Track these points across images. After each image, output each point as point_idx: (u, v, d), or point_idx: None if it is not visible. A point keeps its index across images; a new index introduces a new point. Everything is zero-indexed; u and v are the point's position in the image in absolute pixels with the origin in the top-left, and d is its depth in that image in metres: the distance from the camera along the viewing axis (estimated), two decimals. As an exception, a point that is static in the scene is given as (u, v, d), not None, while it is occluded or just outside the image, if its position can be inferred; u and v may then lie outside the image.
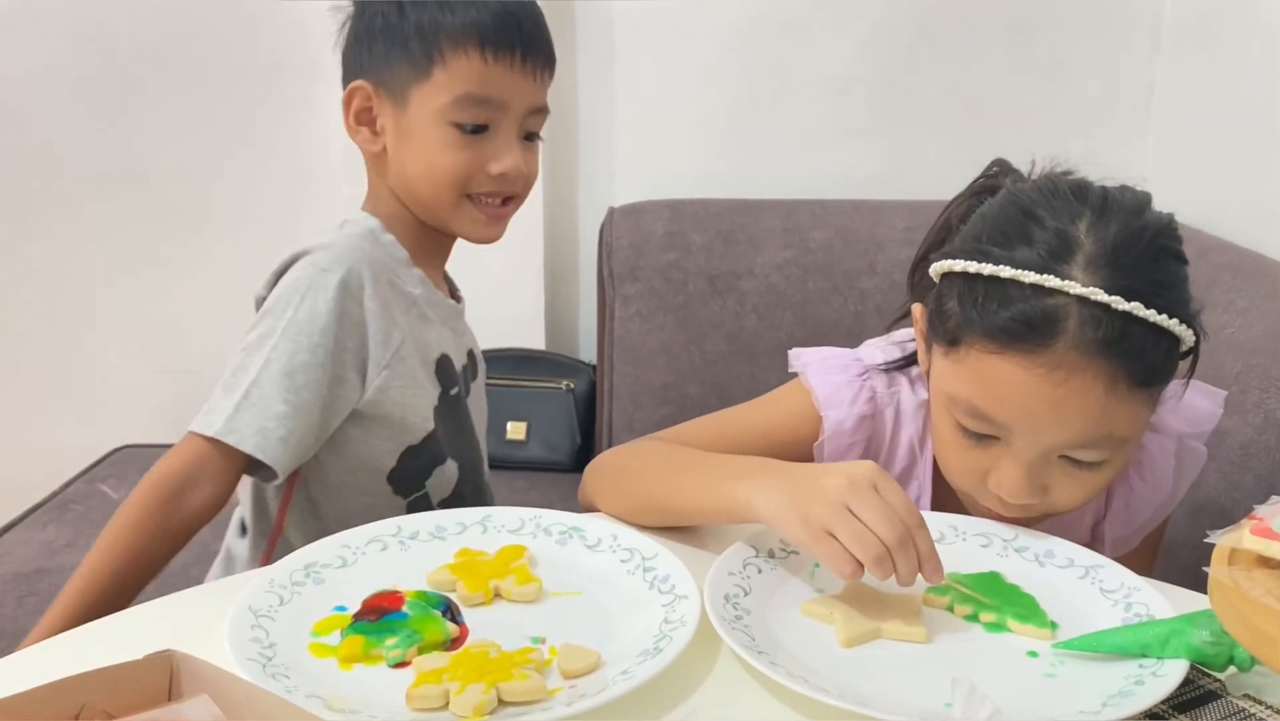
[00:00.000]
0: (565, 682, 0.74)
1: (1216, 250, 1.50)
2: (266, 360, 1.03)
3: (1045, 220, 0.87)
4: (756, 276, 1.77)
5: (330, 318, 1.04)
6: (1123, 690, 0.73)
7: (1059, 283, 0.84)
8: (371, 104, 1.10)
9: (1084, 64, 1.91)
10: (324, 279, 1.05)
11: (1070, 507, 0.93)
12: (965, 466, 0.93)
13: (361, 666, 0.76)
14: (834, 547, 0.79)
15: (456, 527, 0.94)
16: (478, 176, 1.09)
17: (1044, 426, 0.87)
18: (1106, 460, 0.89)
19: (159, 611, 0.85)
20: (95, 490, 1.81)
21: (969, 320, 0.88)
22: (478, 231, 1.12)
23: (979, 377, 0.88)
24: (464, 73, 1.06)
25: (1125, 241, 0.86)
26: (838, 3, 1.91)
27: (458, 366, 1.17)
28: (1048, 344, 0.84)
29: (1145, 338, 0.85)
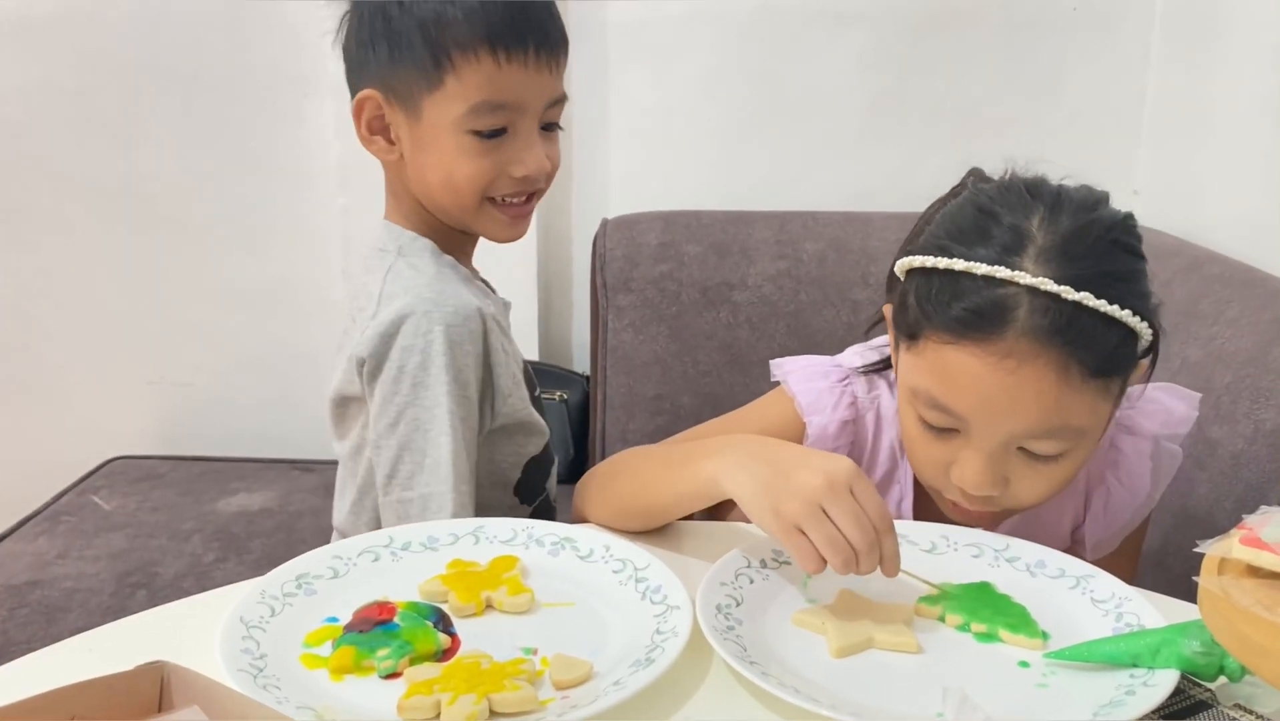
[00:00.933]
0: (557, 693, 0.74)
1: (1207, 262, 1.51)
2: (452, 432, 1.02)
3: (1001, 217, 0.90)
4: (749, 288, 1.77)
5: (473, 370, 1.04)
6: (1114, 700, 0.73)
7: (1009, 273, 0.86)
8: (383, 112, 1.06)
9: (1076, 77, 1.92)
10: (456, 334, 1.02)
11: (1032, 502, 0.94)
12: (929, 460, 0.95)
13: (353, 677, 0.76)
14: (804, 544, 0.81)
15: (448, 538, 0.94)
16: (500, 180, 1.05)
17: (999, 415, 0.88)
18: (1065, 452, 0.91)
19: (150, 622, 0.85)
20: (87, 501, 1.80)
21: (926, 313, 0.91)
22: (502, 232, 1.09)
23: (936, 369, 0.90)
24: (477, 79, 1.01)
25: (1076, 234, 0.88)
26: (831, 16, 1.91)
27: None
28: (999, 332, 0.86)
29: (1096, 327, 0.87)
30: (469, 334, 1.03)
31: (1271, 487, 1.16)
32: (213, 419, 2.10)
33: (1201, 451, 1.26)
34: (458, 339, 1.03)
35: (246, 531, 1.68)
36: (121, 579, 1.54)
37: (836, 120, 1.96)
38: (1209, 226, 1.67)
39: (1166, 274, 1.51)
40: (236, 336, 2.08)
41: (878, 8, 1.91)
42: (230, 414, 2.10)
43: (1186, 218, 1.73)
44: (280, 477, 1.90)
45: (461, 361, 1.03)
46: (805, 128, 1.97)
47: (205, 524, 1.70)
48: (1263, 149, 1.57)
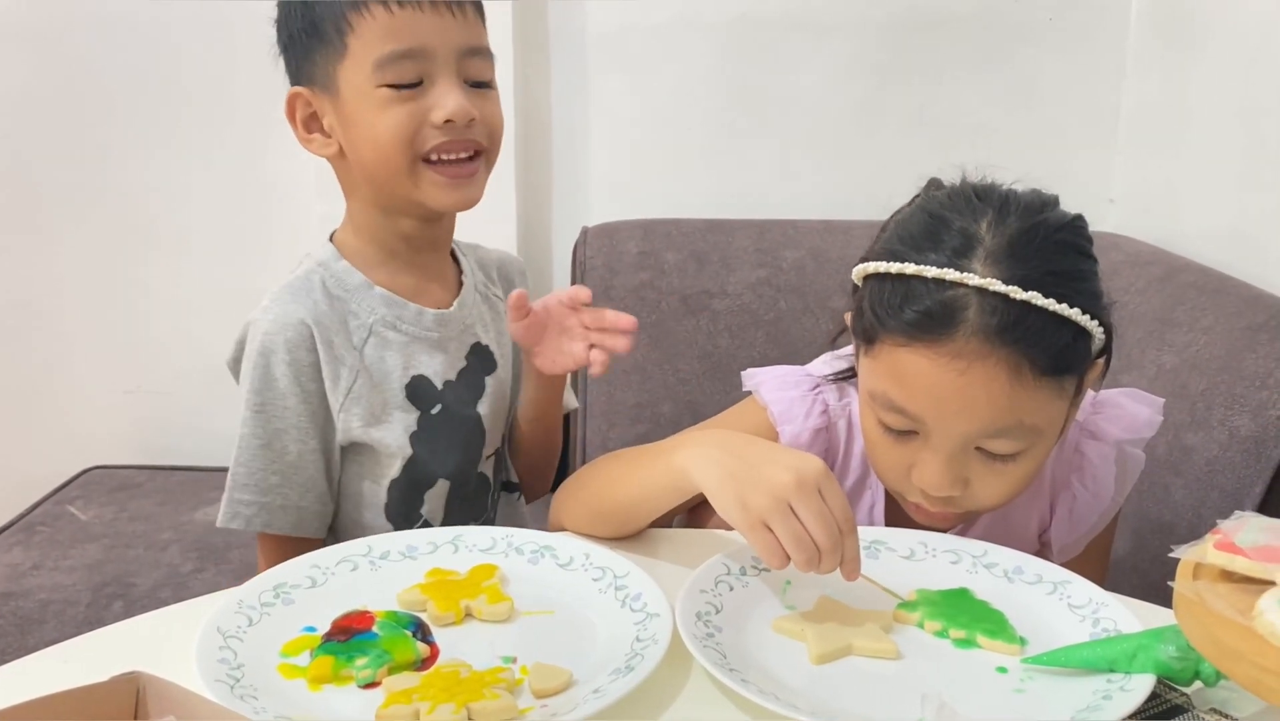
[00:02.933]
0: (537, 702, 0.74)
1: (1182, 270, 1.52)
2: (243, 439, 1.07)
3: (951, 221, 0.91)
4: (729, 296, 1.78)
5: (288, 379, 1.06)
6: (1090, 704, 0.73)
7: (958, 275, 0.88)
8: (314, 107, 1.07)
9: (1053, 86, 1.93)
10: (270, 342, 1.06)
11: (993, 503, 0.95)
12: (889, 463, 0.96)
13: (331, 687, 0.76)
14: (769, 540, 0.82)
15: (428, 547, 0.93)
16: (424, 131, 1.03)
17: (952, 415, 0.90)
18: (1023, 452, 0.92)
19: (126, 632, 0.84)
20: (63, 512, 1.79)
21: (880, 317, 0.92)
22: (442, 196, 1.06)
23: (891, 372, 0.92)
24: (374, 32, 1.02)
25: (1023, 235, 0.89)
26: (810, 26, 1.92)
27: (441, 380, 1.12)
28: (949, 333, 0.88)
29: (1045, 326, 0.88)
30: (284, 342, 1.05)
31: (1246, 493, 1.17)
32: (190, 428, 2.09)
33: (1177, 457, 1.27)
34: (271, 347, 1.06)
35: (224, 541, 1.66)
36: (98, 590, 1.53)
37: (816, 129, 1.97)
38: (1184, 235, 1.68)
39: (1142, 282, 1.52)
40: (214, 345, 2.04)
41: (857, 18, 1.92)
42: (208, 423, 2.08)
43: (1162, 226, 1.75)
44: (259, 487, 1.88)
45: (275, 371, 1.06)
46: (784, 137, 1.98)
47: (183, 534, 1.69)
48: (1237, 158, 1.59)
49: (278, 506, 1.07)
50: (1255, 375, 1.23)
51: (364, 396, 1.08)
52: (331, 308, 1.08)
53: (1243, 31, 1.58)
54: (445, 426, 1.13)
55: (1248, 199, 1.57)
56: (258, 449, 1.06)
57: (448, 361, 1.14)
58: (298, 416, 1.06)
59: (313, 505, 1.08)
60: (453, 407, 1.13)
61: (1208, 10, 1.67)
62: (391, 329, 1.10)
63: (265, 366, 1.06)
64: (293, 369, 1.06)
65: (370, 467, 1.10)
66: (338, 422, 1.08)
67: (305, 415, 1.07)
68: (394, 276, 1.12)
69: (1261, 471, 1.17)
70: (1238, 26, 1.59)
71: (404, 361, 1.11)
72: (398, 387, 1.10)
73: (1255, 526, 0.69)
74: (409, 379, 1.11)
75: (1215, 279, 1.47)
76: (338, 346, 1.07)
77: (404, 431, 1.10)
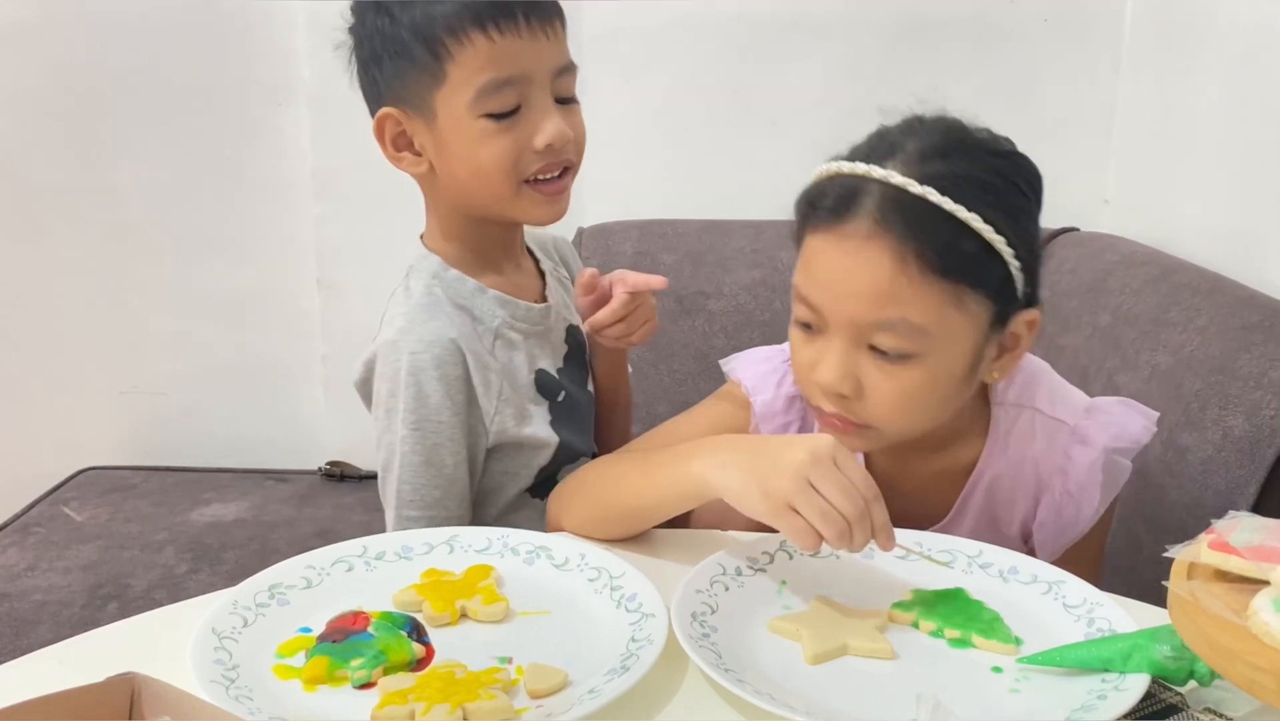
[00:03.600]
0: (532, 702, 0.74)
1: (1177, 270, 1.52)
2: (403, 457, 1.07)
3: (887, 134, 0.97)
4: (725, 296, 1.78)
5: (440, 395, 1.06)
6: (1085, 704, 0.74)
7: (865, 168, 0.92)
8: (404, 127, 1.07)
9: (1047, 87, 1.93)
10: (418, 361, 1.06)
11: (885, 411, 0.95)
12: (801, 365, 0.98)
13: (326, 688, 0.76)
14: (797, 522, 0.83)
15: (423, 547, 0.93)
16: (525, 157, 1.05)
17: (840, 296, 0.93)
18: (912, 356, 0.93)
19: (121, 634, 0.84)
20: (58, 513, 1.78)
21: (801, 214, 0.97)
22: (543, 212, 1.09)
23: (804, 262, 0.97)
24: (476, 61, 1.02)
25: (942, 144, 0.94)
26: (805, 26, 1.93)
27: (555, 368, 1.17)
28: (849, 215, 0.92)
29: (939, 222, 0.90)
30: (433, 360, 1.06)
31: (1240, 493, 1.18)
32: (186, 429, 2.09)
33: (1171, 457, 1.28)
34: (420, 366, 1.06)
35: (220, 542, 1.66)
36: (93, 591, 1.53)
37: (811, 129, 1.96)
38: (1179, 235, 1.68)
39: (1137, 282, 1.52)
40: (210, 346, 2.07)
41: (851, 18, 1.92)
42: (203, 424, 2.09)
43: (1156, 226, 1.75)
44: (254, 488, 1.89)
45: (427, 389, 1.06)
46: (780, 137, 1.98)
47: (178, 535, 1.69)
48: (1231, 159, 1.59)
49: (442, 519, 1.08)
50: (1250, 375, 1.23)
51: (510, 397, 1.11)
52: (462, 318, 1.10)
53: (1237, 33, 1.58)
54: (573, 411, 1.17)
55: (1242, 200, 1.57)
56: (419, 466, 1.07)
57: (555, 350, 1.18)
58: (452, 430, 1.08)
59: (465, 515, 1.11)
60: (572, 392, 1.18)
61: (1202, 12, 1.67)
62: (511, 329, 1.13)
63: (417, 385, 1.06)
64: (444, 384, 1.06)
65: (520, 460, 1.13)
66: (492, 426, 1.10)
67: (458, 428, 1.08)
68: (495, 277, 1.14)
69: (1255, 471, 1.17)
70: (1232, 28, 1.59)
71: (528, 358, 1.14)
72: (528, 383, 1.13)
73: (1249, 526, 0.69)
74: (534, 373, 1.14)
75: (1210, 279, 1.47)
76: (481, 355, 1.09)
77: (545, 423, 1.13)
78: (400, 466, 1.08)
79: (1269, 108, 1.50)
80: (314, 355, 2.06)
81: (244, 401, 2.08)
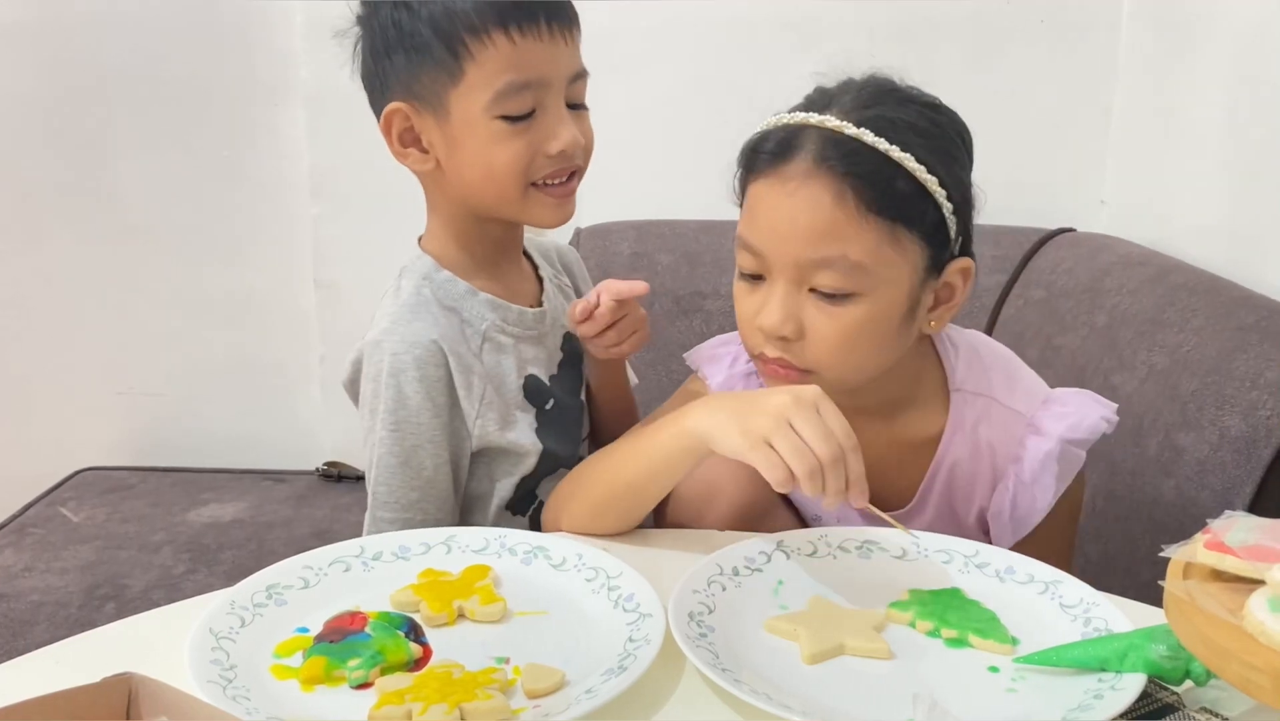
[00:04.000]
0: (529, 702, 0.74)
1: (1173, 271, 1.53)
2: (380, 459, 1.07)
3: (827, 88, 1.02)
4: (722, 297, 1.78)
5: (420, 396, 1.06)
6: (1082, 704, 0.74)
7: (803, 116, 0.98)
8: (412, 123, 1.06)
9: (1045, 88, 1.93)
10: (399, 362, 1.05)
11: (825, 354, 0.98)
12: (744, 314, 1.01)
13: (324, 688, 0.76)
14: (771, 456, 0.86)
15: (420, 548, 0.93)
16: (537, 161, 1.05)
17: (782, 239, 0.96)
18: (853, 295, 0.96)
19: (118, 634, 0.84)
20: (55, 513, 1.78)
21: (742, 165, 1.02)
22: (549, 216, 1.09)
23: (747, 210, 1.01)
24: (496, 63, 1.01)
25: (876, 94, 0.99)
26: (803, 27, 1.93)
27: (547, 376, 1.15)
28: (788, 159, 0.97)
29: (875, 161, 0.95)
30: (414, 361, 1.05)
31: (1236, 493, 1.18)
32: (183, 429, 2.08)
33: (1167, 457, 1.28)
34: (401, 367, 1.05)
35: (217, 543, 1.66)
36: (90, 591, 1.53)
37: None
38: (1175, 236, 1.69)
39: (1133, 283, 1.53)
40: (207, 346, 2.07)
41: (849, 19, 1.92)
42: (201, 424, 2.09)
43: (1153, 227, 1.76)
44: (251, 488, 1.89)
45: (407, 390, 1.05)
46: (777, 138, 1.98)
47: (175, 535, 1.69)
48: (1227, 160, 1.59)
49: (418, 521, 1.07)
50: (1246, 376, 1.23)
51: (494, 402, 1.10)
52: (449, 320, 1.09)
53: (1234, 34, 1.58)
54: (560, 419, 1.16)
55: (1238, 200, 1.57)
56: (396, 466, 1.07)
57: (549, 356, 1.17)
58: (432, 432, 1.07)
59: (446, 518, 1.10)
60: (561, 400, 1.16)
61: (1200, 12, 1.67)
62: (501, 332, 1.12)
63: (397, 386, 1.05)
64: (424, 385, 1.06)
65: (503, 467, 1.12)
66: (474, 430, 1.09)
67: (439, 430, 1.07)
68: (490, 280, 1.13)
69: (1252, 471, 1.17)
70: (1229, 29, 1.60)
71: (517, 363, 1.13)
72: (516, 389, 1.12)
73: (1245, 526, 0.70)
74: (523, 379, 1.13)
75: (1206, 280, 1.47)
76: (465, 357, 1.08)
77: (530, 430, 1.12)
78: (377, 467, 1.07)
79: (1266, 108, 1.51)
80: (311, 355, 2.06)
81: (241, 401, 2.08)
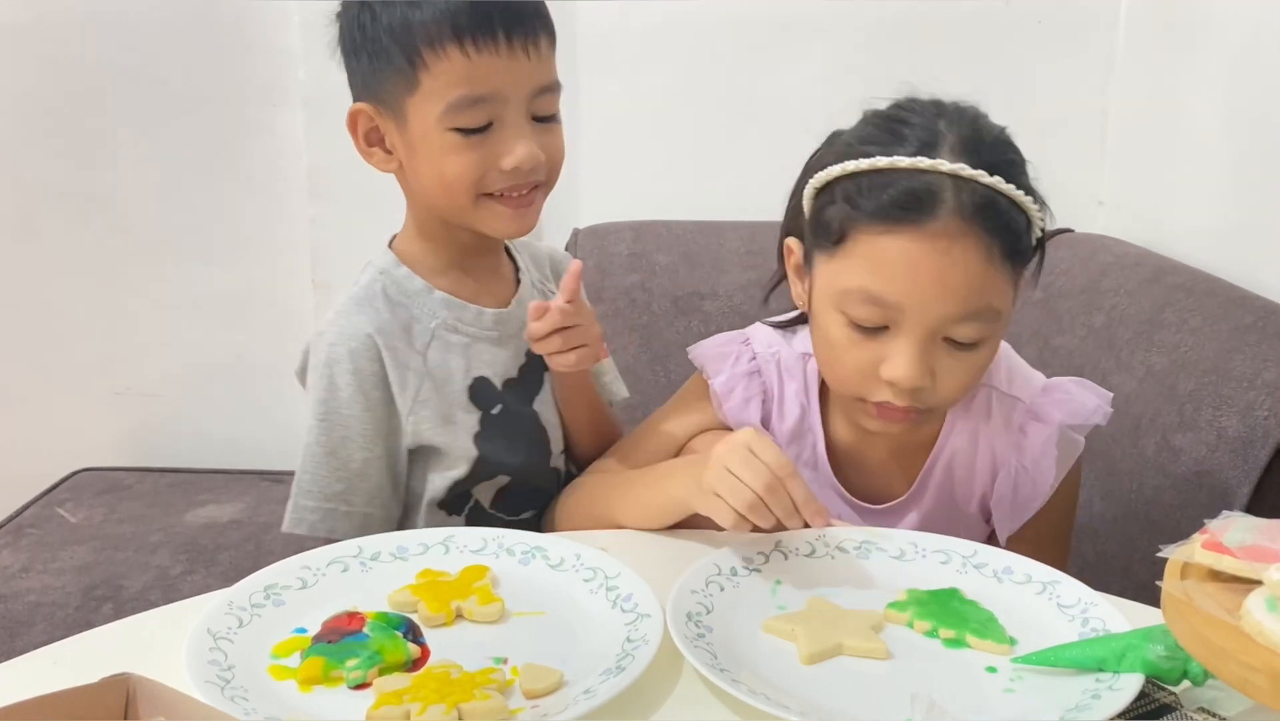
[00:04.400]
0: (527, 703, 0.74)
1: (1170, 271, 1.53)
2: (308, 447, 1.08)
3: (910, 120, 0.99)
4: (720, 297, 1.78)
5: (351, 389, 1.06)
6: (1080, 704, 0.74)
7: (931, 162, 0.94)
8: (376, 124, 1.06)
9: (1042, 89, 1.93)
10: (334, 353, 1.07)
11: (953, 396, 1.00)
12: (858, 363, 0.99)
13: (322, 688, 0.76)
14: (718, 503, 0.91)
15: (418, 548, 0.93)
16: (490, 175, 1.03)
17: (931, 297, 0.94)
18: (984, 340, 0.98)
19: (116, 635, 0.84)
20: (52, 514, 1.78)
21: (855, 210, 0.97)
22: (505, 226, 1.07)
23: (870, 262, 0.96)
24: (450, 75, 1.00)
25: (979, 132, 0.98)
26: (800, 26, 1.93)
27: (502, 380, 1.14)
28: (931, 214, 0.93)
29: (1010, 210, 0.95)
30: (347, 353, 1.06)
31: (1233, 493, 1.18)
32: (180, 430, 2.08)
33: (1165, 458, 1.28)
34: (336, 358, 1.07)
35: (214, 543, 1.66)
36: (87, 592, 1.53)
37: (806, 130, 1.96)
38: (1172, 236, 1.69)
39: (1131, 283, 1.53)
40: (204, 347, 2.06)
41: (846, 18, 1.92)
42: (198, 425, 2.09)
43: (1150, 228, 1.76)
44: (249, 489, 1.88)
45: (339, 381, 1.06)
46: (776, 137, 1.97)
47: (173, 536, 1.69)
48: (1224, 160, 1.59)
49: (342, 513, 1.07)
50: (1243, 376, 1.23)
51: (431, 400, 1.09)
52: (394, 315, 1.09)
53: (1231, 35, 1.59)
54: (507, 426, 1.14)
55: (1236, 201, 1.57)
56: (322, 456, 1.07)
57: (510, 359, 1.15)
58: (362, 425, 1.07)
59: (378, 511, 1.09)
60: (512, 407, 1.15)
61: (1196, 13, 1.67)
62: (453, 331, 1.11)
63: (330, 377, 1.07)
64: (356, 378, 1.06)
65: (436, 466, 1.12)
66: (407, 426, 1.09)
67: (369, 423, 1.07)
68: (455, 280, 1.13)
69: (1249, 472, 1.18)
70: (1226, 30, 1.60)
71: (466, 363, 1.12)
72: (460, 390, 1.11)
73: (1242, 526, 0.70)
74: (471, 381, 1.12)
75: (1204, 280, 1.47)
76: (402, 352, 1.08)
77: (468, 434, 1.11)
78: (304, 454, 1.08)
79: (1263, 109, 1.51)
80: (309, 356, 2.06)
81: (239, 402, 2.07)
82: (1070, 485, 1.10)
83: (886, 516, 1.10)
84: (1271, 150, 1.49)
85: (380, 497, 1.10)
